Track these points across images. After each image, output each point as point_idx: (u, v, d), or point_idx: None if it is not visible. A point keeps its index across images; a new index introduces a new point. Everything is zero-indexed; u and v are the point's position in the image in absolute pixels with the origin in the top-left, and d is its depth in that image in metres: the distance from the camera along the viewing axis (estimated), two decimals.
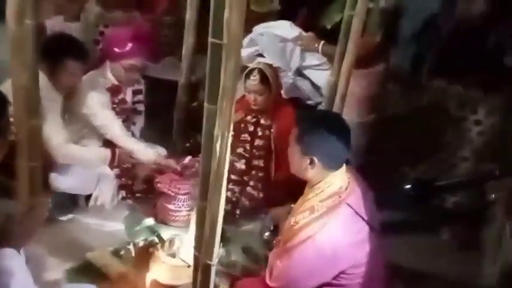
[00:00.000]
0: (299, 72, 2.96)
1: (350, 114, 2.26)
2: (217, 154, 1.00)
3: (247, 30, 2.69)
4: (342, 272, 1.38)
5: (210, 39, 0.97)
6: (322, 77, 2.85)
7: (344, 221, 1.36)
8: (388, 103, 3.01)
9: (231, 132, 0.99)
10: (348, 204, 1.38)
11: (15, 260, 1.01)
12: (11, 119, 1.22)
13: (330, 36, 2.47)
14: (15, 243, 1.04)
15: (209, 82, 1.00)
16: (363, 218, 1.40)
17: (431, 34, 3.30)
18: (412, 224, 2.60)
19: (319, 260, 1.35)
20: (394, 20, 2.33)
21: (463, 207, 2.60)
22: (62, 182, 1.97)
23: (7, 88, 1.40)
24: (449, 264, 2.25)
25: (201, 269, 1.08)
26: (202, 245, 1.06)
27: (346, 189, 1.41)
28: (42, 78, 1.79)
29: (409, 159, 3.11)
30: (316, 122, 1.44)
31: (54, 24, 2.93)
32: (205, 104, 1.02)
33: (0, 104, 1.05)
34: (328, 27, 2.43)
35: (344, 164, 1.44)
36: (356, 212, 1.39)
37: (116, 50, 2.09)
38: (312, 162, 1.38)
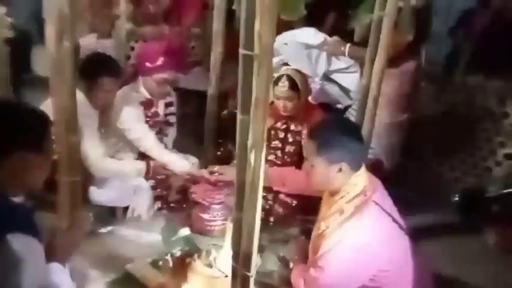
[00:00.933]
0: (326, 77, 2.93)
1: (382, 115, 2.22)
2: (252, 164, 1.00)
3: None
4: (378, 271, 1.37)
5: (241, 51, 0.97)
6: (350, 79, 2.81)
7: (373, 218, 1.38)
8: (422, 102, 2.92)
9: (265, 142, 0.99)
10: (375, 202, 1.40)
11: (61, 274, 1.04)
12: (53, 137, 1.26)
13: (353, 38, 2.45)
14: (60, 258, 1.08)
15: (241, 93, 0.99)
16: (389, 214, 1.42)
17: (466, 30, 3.19)
18: (455, 227, 2.50)
19: (355, 259, 1.35)
20: (425, 18, 2.26)
21: (509, 210, 2.47)
22: (100, 195, 2.03)
23: (46, 107, 1.46)
24: (495, 269, 2.14)
25: (239, 280, 1.07)
26: (240, 256, 1.06)
27: (369, 187, 1.43)
28: (79, 96, 1.85)
29: (447, 159, 3.00)
30: (332, 129, 1.46)
31: (88, 42, 3.06)
32: (238, 115, 1.01)
33: (44, 124, 1.09)
34: (357, 29, 2.39)
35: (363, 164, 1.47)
36: (383, 209, 1.41)
37: (148, 64, 2.13)
38: (340, 169, 1.40)
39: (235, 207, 1.07)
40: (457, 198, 2.62)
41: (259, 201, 1.02)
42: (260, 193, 1.01)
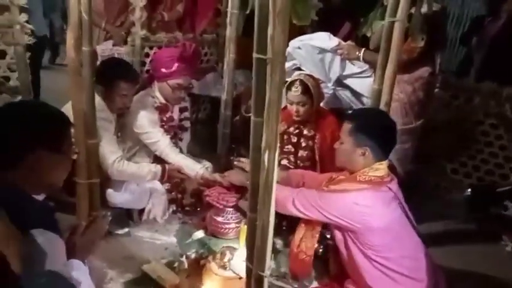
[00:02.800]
0: (339, 82, 2.93)
1: (396, 121, 2.21)
2: (266, 166, 1.02)
3: None
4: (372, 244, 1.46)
5: (254, 55, 1.00)
6: (363, 84, 2.81)
7: (382, 196, 1.48)
8: (436, 108, 2.90)
9: (278, 144, 1.01)
10: (389, 188, 1.51)
11: (81, 270, 1.08)
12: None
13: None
14: (80, 256, 1.11)
15: (255, 96, 1.02)
16: (400, 203, 1.52)
17: (478, 37, 3.17)
18: (470, 233, 2.47)
19: (347, 212, 1.47)
20: (437, 25, 2.26)
21: None
22: (117, 197, 2.08)
23: (66, 110, 1.51)
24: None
25: (253, 280, 1.09)
26: (254, 256, 1.08)
27: (388, 178, 1.55)
28: (97, 100, 1.91)
29: (461, 165, 2.97)
30: (370, 117, 1.64)
31: (104, 48, 3.13)
32: (252, 118, 1.04)
33: (65, 125, 1.13)
34: (369, 35, 2.41)
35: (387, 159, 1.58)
36: (397, 197, 1.51)
37: (163, 70, 2.18)
38: (364, 154, 1.53)
39: (250, 208, 1.10)
40: (468, 193, 2.59)
41: (273, 202, 1.04)
42: (274, 194, 1.03)
